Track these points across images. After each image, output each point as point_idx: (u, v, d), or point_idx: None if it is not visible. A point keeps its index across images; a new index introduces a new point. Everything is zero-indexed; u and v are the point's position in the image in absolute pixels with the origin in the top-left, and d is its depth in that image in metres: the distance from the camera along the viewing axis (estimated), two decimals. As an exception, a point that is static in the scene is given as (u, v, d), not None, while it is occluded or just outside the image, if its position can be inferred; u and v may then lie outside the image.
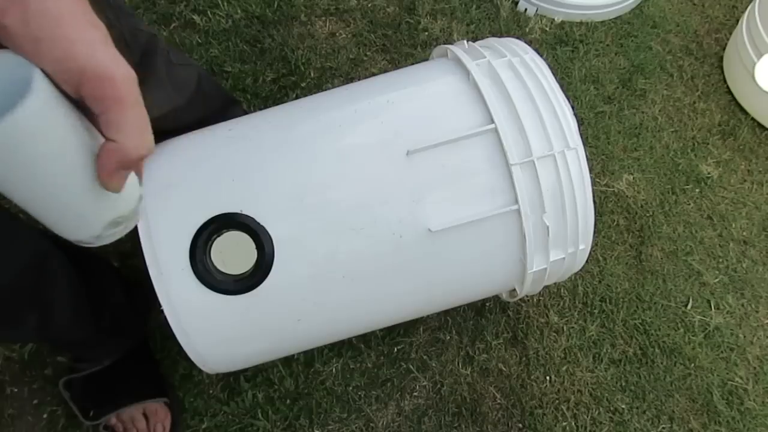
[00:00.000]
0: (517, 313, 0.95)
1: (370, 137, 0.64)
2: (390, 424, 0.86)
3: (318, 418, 0.85)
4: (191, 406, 0.84)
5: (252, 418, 0.83)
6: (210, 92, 0.80)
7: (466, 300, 0.80)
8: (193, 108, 0.74)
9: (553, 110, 0.63)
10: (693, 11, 1.34)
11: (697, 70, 1.26)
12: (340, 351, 0.89)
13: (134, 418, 0.79)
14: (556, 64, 1.20)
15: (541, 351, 0.93)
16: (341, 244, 0.61)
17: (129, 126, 0.31)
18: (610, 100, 1.18)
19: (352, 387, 0.87)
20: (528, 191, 0.61)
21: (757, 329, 1.00)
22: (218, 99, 0.84)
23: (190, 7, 1.13)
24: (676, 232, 1.07)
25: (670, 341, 0.97)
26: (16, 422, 0.81)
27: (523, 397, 0.89)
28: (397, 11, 1.20)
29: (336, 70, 1.12)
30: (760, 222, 1.10)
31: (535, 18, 1.24)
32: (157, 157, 0.65)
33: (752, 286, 1.04)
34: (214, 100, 0.82)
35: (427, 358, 0.90)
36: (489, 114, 0.62)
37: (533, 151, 0.61)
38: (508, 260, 0.66)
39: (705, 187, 1.12)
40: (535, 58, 0.68)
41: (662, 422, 0.91)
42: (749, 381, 0.95)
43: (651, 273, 1.02)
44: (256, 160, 0.63)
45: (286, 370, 0.87)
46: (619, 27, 1.27)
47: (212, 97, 0.81)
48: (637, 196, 1.09)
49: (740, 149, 1.17)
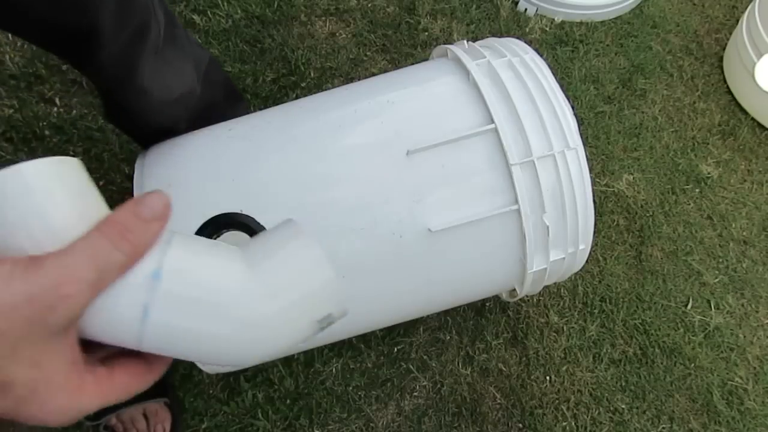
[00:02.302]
0: (517, 313, 0.95)
1: (370, 137, 0.64)
2: (390, 424, 0.86)
3: (318, 418, 0.85)
4: (191, 406, 0.84)
5: (252, 418, 0.83)
6: (217, 79, 0.80)
7: (466, 300, 0.80)
8: (205, 91, 0.73)
9: (553, 110, 0.63)
10: (693, 11, 1.34)
11: (697, 70, 1.26)
12: (340, 351, 0.89)
13: (134, 419, 0.79)
14: (556, 64, 1.20)
15: (541, 351, 0.93)
16: (341, 244, 0.61)
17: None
18: (610, 100, 1.18)
19: (352, 387, 0.87)
20: (528, 191, 0.61)
21: (757, 329, 1.00)
22: (222, 87, 0.83)
23: (190, 7, 1.13)
24: (676, 232, 1.07)
25: (670, 341, 0.97)
26: (17, 422, 0.81)
27: (523, 397, 0.89)
28: (397, 11, 1.20)
29: (336, 70, 1.12)
30: (760, 222, 1.10)
31: (535, 18, 1.24)
32: (158, 157, 0.65)
33: (752, 286, 1.04)
34: (218, 88, 0.81)
35: (427, 358, 0.90)
36: (489, 114, 0.62)
37: (533, 151, 0.61)
38: (508, 260, 0.66)
39: (705, 187, 1.12)
40: (535, 58, 0.68)
41: (662, 422, 0.91)
42: (749, 381, 0.95)
43: (651, 273, 1.02)
44: (257, 160, 0.63)
45: (286, 370, 0.87)
46: (619, 27, 1.27)
47: (217, 84, 0.80)
48: (637, 196, 1.09)
49: (740, 149, 1.17)
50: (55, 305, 0.23)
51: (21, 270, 0.23)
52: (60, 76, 1.02)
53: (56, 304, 0.23)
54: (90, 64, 0.55)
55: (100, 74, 0.57)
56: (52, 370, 0.24)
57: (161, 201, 0.26)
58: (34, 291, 0.22)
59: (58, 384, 0.25)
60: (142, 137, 0.71)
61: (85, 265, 0.24)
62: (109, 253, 0.24)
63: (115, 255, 0.24)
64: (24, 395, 0.24)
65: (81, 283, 0.23)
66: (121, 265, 0.25)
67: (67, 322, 0.24)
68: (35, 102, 0.99)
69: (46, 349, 0.24)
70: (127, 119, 0.67)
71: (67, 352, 0.25)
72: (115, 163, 0.97)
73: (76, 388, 0.25)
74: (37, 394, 0.24)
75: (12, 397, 0.24)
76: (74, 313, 0.24)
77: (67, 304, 0.23)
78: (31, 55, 1.02)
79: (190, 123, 0.70)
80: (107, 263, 0.24)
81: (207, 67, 0.74)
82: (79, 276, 0.23)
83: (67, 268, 0.23)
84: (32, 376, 0.24)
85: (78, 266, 0.23)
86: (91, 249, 0.24)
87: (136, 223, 0.25)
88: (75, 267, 0.23)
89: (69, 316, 0.24)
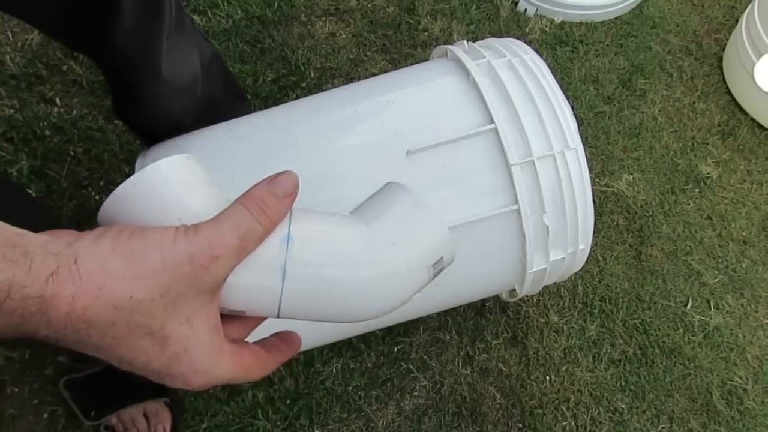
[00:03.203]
0: (517, 313, 0.95)
1: (370, 137, 0.64)
2: (390, 424, 0.86)
3: (318, 418, 0.85)
4: (191, 406, 0.84)
5: (252, 418, 0.83)
6: (218, 75, 0.79)
7: (466, 300, 0.80)
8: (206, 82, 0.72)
9: (553, 110, 0.63)
10: (693, 11, 1.35)
11: (697, 70, 1.26)
12: (340, 351, 0.89)
13: (135, 419, 0.79)
14: (556, 64, 1.20)
15: (541, 351, 0.93)
16: (341, 244, 0.61)
17: None
18: (610, 100, 1.18)
19: (352, 387, 0.87)
20: (528, 191, 0.61)
21: (757, 329, 1.00)
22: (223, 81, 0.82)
23: (190, 7, 1.13)
24: (676, 232, 1.07)
25: (669, 341, 0.97)
26: (17, 422, 0.81)
27: (523, 397, 0.90)
28: (397, 11, 1.20)
29: (336, 70, 1.12)
30: (760, 222, 1.10)
31: (535, 18, 1.25)
32: (158, 157, 0.65)
33: (752, 286, 1.04)
34: (219, 82, 0.80)
35: (427, 358, 0.90)
36: (489, 114, 0.62)
37: (533, 151, 0.61)
38: (508, 260, 0.66)
39: (705, 187, 1.12)
40: (534, 58, 0.68)
41: (662, 422, 0.91)
42: (749, 381, 0.95)
43: (651, 273, 1.02)
44: (256, 159, 0.63)
45: (286, 370, 0.87)
46: (619, 27, 1.28)
47: (219, 79, 0.80)
48: (637, 196, 1.09)
49: (740, 149, 1.17)
50: (209, 265, 0.25)
51: (182, 233, 0.25)
52: (60, 77, 1.02)
53: (209, 264, 0.25)
54: (104, 43, 0.55)
55: (112, 53, 0.57)
56: (201, 329, 0.26)
57: (292, 180, 0.30)
58: (194, 251, 0.25)
59: (206, 344, 0.27)
60: (149, 131, 0.70)
61: (230, 231, 0.26)
62: (250, 223, 0.27)
63: (255, 225, 0.27)
64: (177, 352, 0.26)
65: (228, 247, 0.26)
66: (260, 235, 0.27)
67: (216, 283, 0.26)
68: (36, 102, 0.99)
69: (197, 309, 0.26)
70: (138, 108, 0.66)
71: (212, 315, 0.27)
72: (115, 164, 0.97)
73: (218, 352, 0.27)
74: (188, 353, 0.26)
75: (168, 353, 0.26)
76: (222, 274, 0.26)
77: (218, 264, 0.26)
78: (31, 55, 1.02)
79: (194, 117, 0.70)
80: (248, 231, 0.27)
81: (210, 60, 0.74)
82: (226, 241, 0.26)
83: (218, 233, 0.26)
84: (186, 332, 0.26)
85: (225, 233, 0.26)
86: (235, 218, 0.27)
87: (270, 199, 0.28)
88: (223, 233, 0.26)
89: (218, 276, 0.26)
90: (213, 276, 0.26)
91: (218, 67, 0.79)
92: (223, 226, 0.26)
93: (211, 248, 0.26)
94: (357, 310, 0.31)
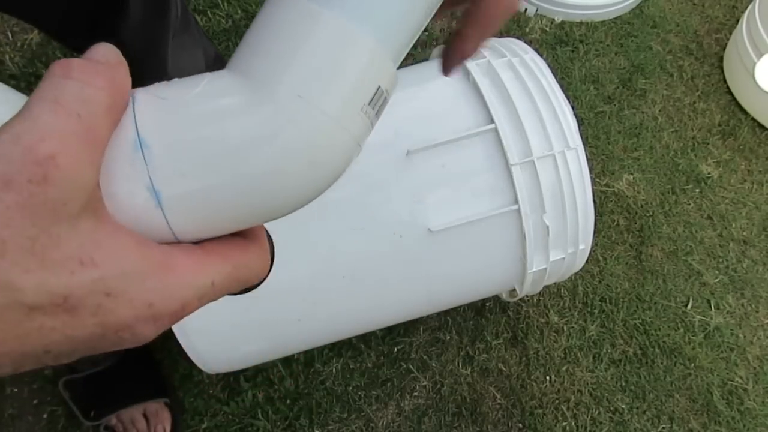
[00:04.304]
0: (517, 313, 0.95)
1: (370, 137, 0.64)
2: (390, 424, 0.86)
3: (318, 418, 0.85)
4: (191, 406, 0.84)
5: (252, 418, 0.83)
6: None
7: (466, 300, 0.80)
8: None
9: (553, 110, 0.63)
10: (693, 11, 1.34)
11: (697, 70, 1.26)
12: (340, 351, 0.89)
13: (134, 419, 0.79)
14: (556, 64, 1.20)
15: (541, 351, 0.93)
16: (341, 244, 0.61)
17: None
18: (610, 100, 1.18)
19: (352, 387, 0.87)
20: (528, 191, 0.61)
21: (757, 329, 1.00)
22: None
23: (190, 7, 1.13)
24: (676, 232, 1.07)
25: (670, 341, 0.97)
26: (16, 422, 0.81)
27: (523, 397, 0.89)
28: (397, 11, 1.20)
29: (336, 70, 1.12)
30: (760, 222, 1.10)
31: (535, 18, 1.25)
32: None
33: (752, 286, 1.04)
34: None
35: (427, 358, 0.90)
36: (489, 114, 0.62)
37: (533, 151, 0.61)
38: (508, 260, 0.66)
39: (705, 187, 1.12)
40: (535, 58, 0.68)
41: (662, 422, 0.91)
42: (749, 381, 0.95)
43: (651, 273, 1.02)
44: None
45: (286, 370, 0.87)
46: (619, 27, 1.27)
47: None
48: (637, 196, 1.09)
49: (740, 149, 1.17)
50: (47, 174, 0.16)
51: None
52: (60, 76, 1.02)
53: (46, 173, 0.16)
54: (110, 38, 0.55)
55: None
56: (115, 259, 0.18)
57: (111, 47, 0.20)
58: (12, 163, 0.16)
59: (135, 271, 0.18)
60: None
61: (52, 112, 0.17)
62: (79, 90, 0.18)
63: (89, 91, 0.18)
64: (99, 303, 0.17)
65: (62, 134, 0.17)
66: (107, 105, 0.18)
67: (81, 198, 0.17)
68: (35, 102, 0.99)
69: (84, 241, 0.17)
70: None
71: (118, 234, 0.18)
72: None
73: (163, 265, 0.19)
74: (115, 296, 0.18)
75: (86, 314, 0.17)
76: (79, 179, 0.17)
77: (57, 168, 0.16)
78: (31, 55, 1.02)
79: None
80: (84, 102, 0.17)
81: (214, 60, 0.74)
82: (54, 126, 0.16)
83: (34, 121, 0.16)
84: (92, 277, 0.17)
85: (45, 115, 0.17)
86: (52, 94, 0.17)
87: (97, 63, 0.19)
88: (42, 117, 0.17)
89: (74, 186, 0.17)
90: (63, 189, 0.16)
91: (221, 67, 0.79)
92: (39, 106, 0.17)
93: (38, 144, 0.16)
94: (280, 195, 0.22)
